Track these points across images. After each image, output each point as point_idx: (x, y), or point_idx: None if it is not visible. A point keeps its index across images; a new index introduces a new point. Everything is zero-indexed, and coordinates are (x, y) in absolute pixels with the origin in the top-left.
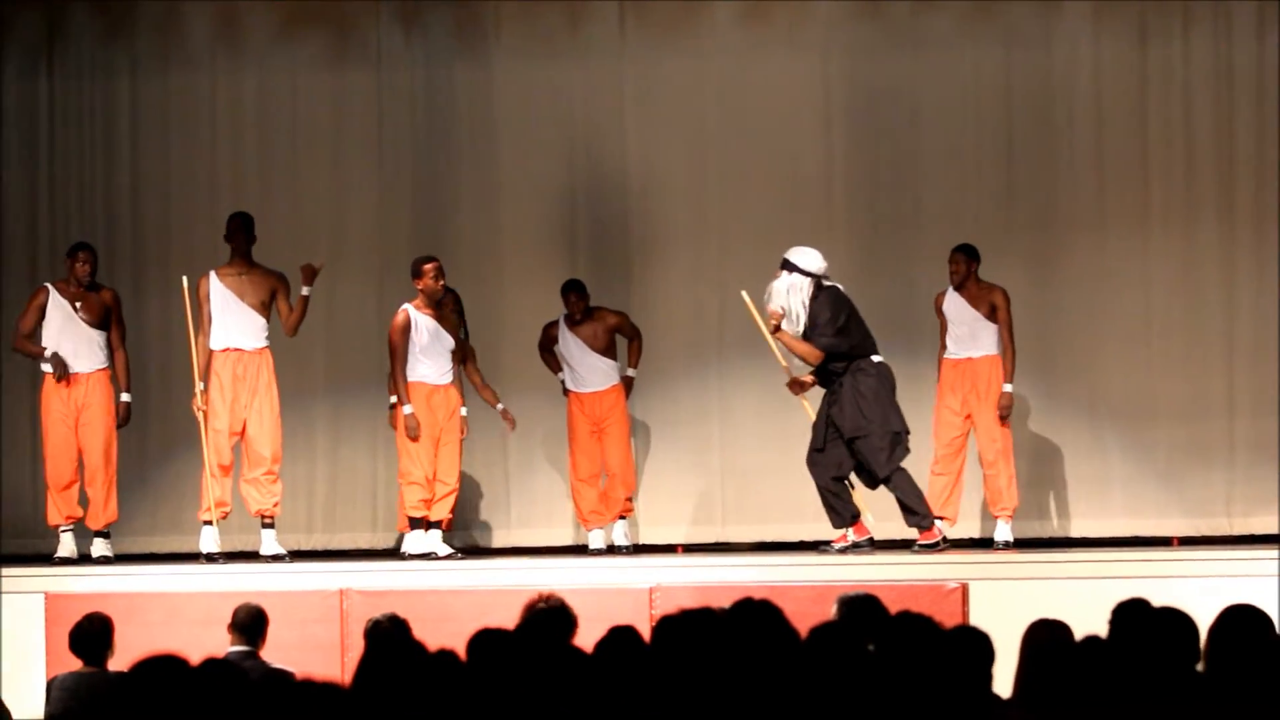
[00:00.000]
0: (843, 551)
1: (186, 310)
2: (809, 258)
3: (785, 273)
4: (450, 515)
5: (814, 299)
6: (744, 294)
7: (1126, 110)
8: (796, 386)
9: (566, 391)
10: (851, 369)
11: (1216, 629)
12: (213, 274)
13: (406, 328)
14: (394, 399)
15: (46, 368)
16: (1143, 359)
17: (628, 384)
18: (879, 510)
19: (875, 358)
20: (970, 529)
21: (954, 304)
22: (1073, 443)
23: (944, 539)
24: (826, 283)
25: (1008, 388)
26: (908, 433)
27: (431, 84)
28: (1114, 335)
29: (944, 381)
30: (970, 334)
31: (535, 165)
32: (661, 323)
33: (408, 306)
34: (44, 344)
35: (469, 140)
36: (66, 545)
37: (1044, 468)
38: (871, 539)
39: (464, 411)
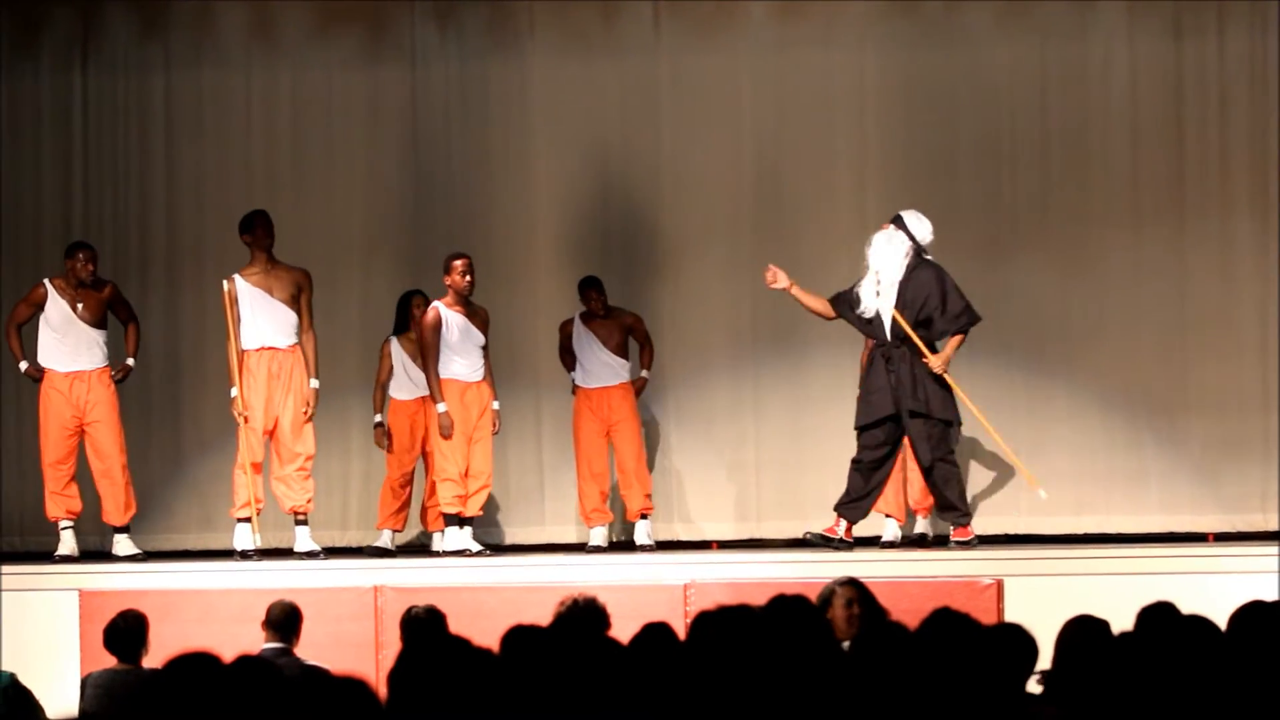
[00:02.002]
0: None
1: (227, 312)
2: (920, 224)
3: (893, 227)
4: (480, 511)
5: (920, 265)
6: (899, 319)
7: (1161, 105)
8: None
9: (575, 390)
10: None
11: (1234, 625)
12: (237, 276)
13: (438, 325)
14: (378, 417)
15: (23, 366)
16: (1178, 353)
17: (641, 385)
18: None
19: (938, 344)
20: (1005, 525)
21: None
22: (1108, 437)
23: (978, 538)
24: (928, 257)
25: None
26: (959, 424)
27: (466, 81)
28: (1149, 329)
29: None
30: None
31: (569, 162)
32: (696, 319)
33: (438, 304)
34: (41, 342)
35: (503, 138)
36: (67, 543)
37: (1079, 462)
38: (845, 541)
39: (495, 406)
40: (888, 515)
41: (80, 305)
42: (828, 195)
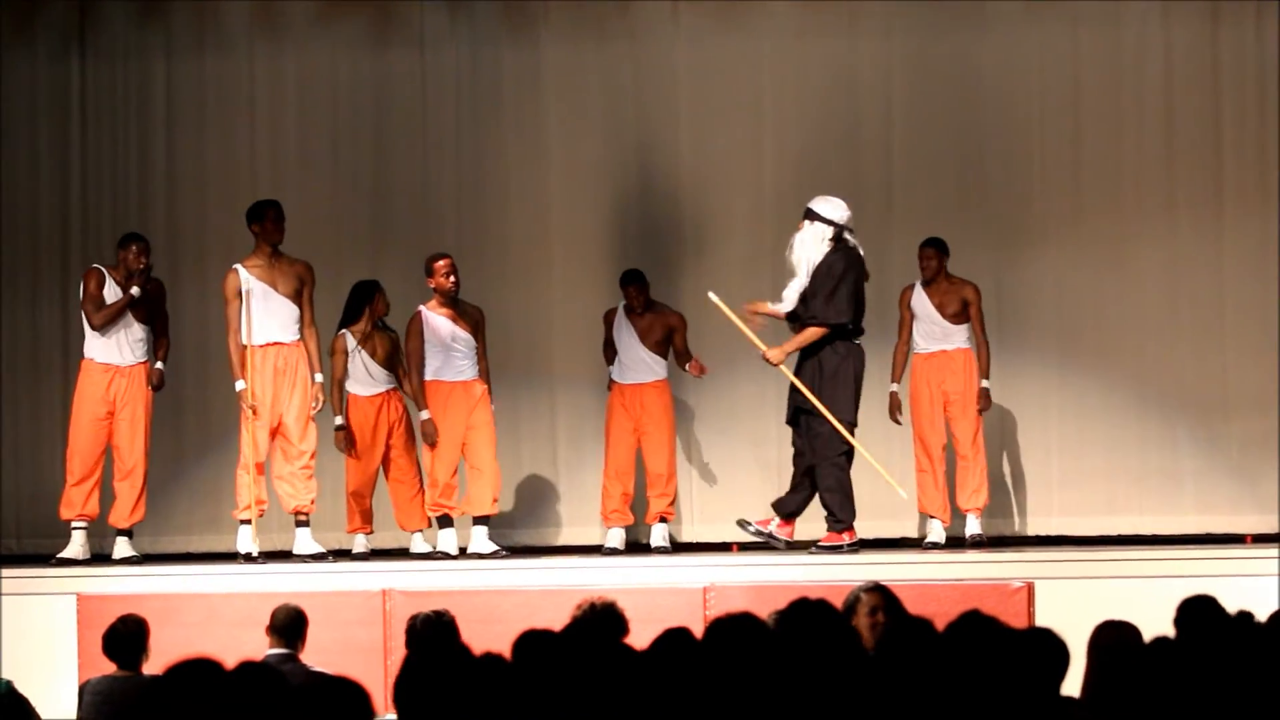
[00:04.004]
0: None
1: (229, 304)
2: (832, 206)
3: (808, 222)
4: (495, 507)
5: (830, 252)
6: (711, 295)
7: (1197, 91)
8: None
9: (611, 384)
10: (823, 339)
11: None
12: (240, 268)
13: (419, 331)
14: (339, 420)
15: (135, 291)
16: (1215, 348)
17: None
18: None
19: (853, 340)
20: (1036, 526)
21: (922, 300)
22: (1142, 435)
23: (850, 544)
24: (848, 237)
25: (985, 384)
26: (854, 425)
27: (477, 67)
28: (1185, 324)
29: (917, 377)
30: (942, 330)
31: (584, 151)
32: (714, 310)
33: (422, 308)
34: (88, 330)
35: (515, 127)
36: (76, 543)
37: (1112, 461)
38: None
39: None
40: (932, 516)
41: (138, 290)
42: (852, 186)
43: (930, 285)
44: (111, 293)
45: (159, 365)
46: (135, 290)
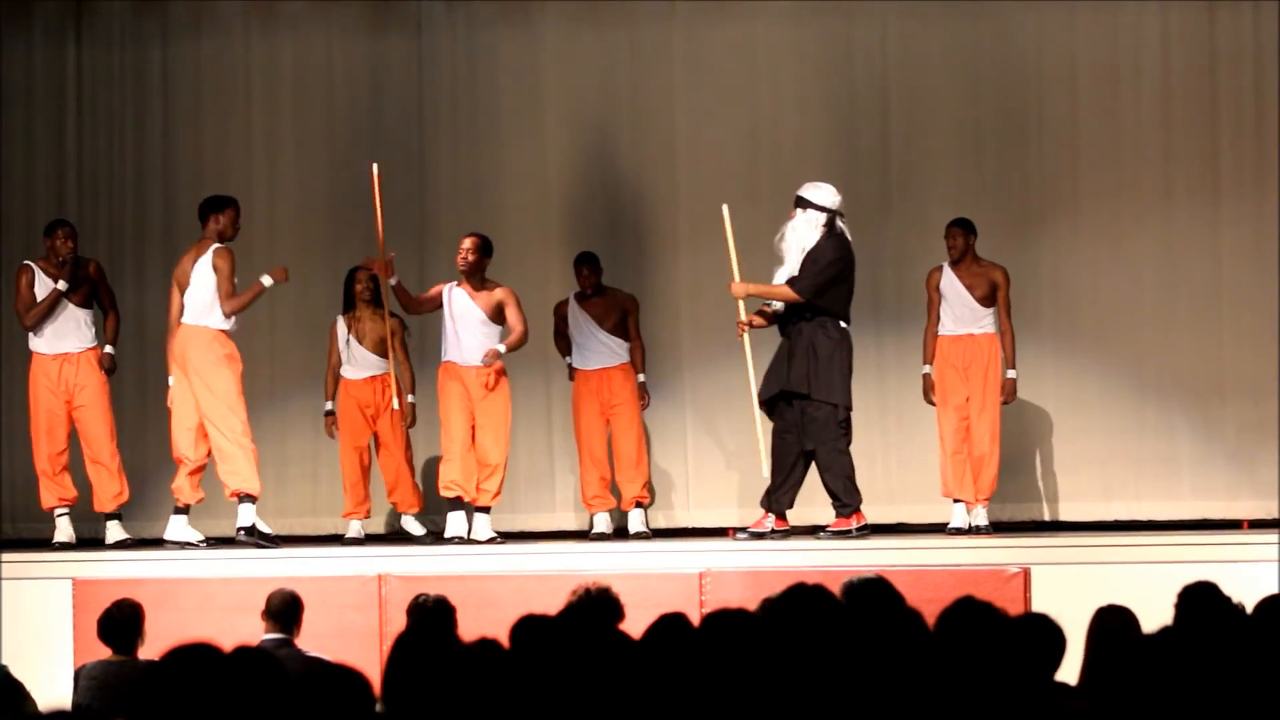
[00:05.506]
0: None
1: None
2: (823, 193)
3: (800, 210)
4: (497, 499)
5: (824, 237)
6: (725, 209)
7: (1194, 76)
8: (743, 327)
9: (572, 374)
10: (816, 323)
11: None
12: None
13: (440, 304)
14: (329, 405)
15: (62, 285)
16: (1213, 333)
17: (642, 389)
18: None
19: (843, 323)
20: (1029, 512)
21: (952, 281)
22: (1139, 421)
23: (860, 527)
24: (840, 222)
25: (1011, 373)
26: (849, 409)
27: (474, 51)
28: (1183, 309)
29: (942, 360)
30: (971, 312)
31: (580, 136)
32: (710, 299)
33: (451, 283)
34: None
35: (512, 110)
36: (64, 530)
37: (1109, 447)
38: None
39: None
40: (957, 500)
41: (65, 284)
42: (848, 173)
43: (958, 266)
44: (43, 285)
45: (109, 349)
46: (62, 285)
